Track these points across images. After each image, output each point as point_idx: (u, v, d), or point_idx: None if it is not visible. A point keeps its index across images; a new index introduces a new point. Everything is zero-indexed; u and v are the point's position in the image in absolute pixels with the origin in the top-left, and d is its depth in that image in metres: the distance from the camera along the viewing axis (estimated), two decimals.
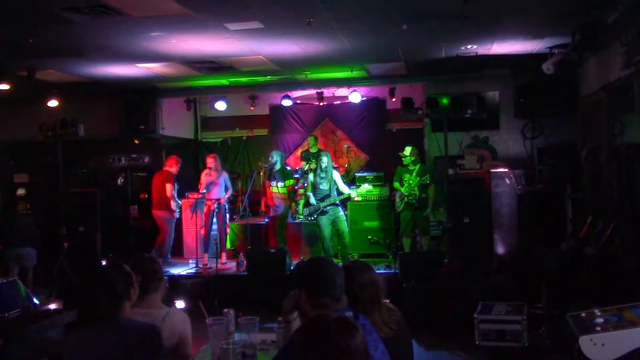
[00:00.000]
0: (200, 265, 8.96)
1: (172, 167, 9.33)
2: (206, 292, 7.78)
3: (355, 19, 6.58)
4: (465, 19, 6.53)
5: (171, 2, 5.65)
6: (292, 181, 9.41)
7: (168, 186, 9.13)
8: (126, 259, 3.13)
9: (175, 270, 8.84)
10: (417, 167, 8.87)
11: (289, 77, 9.96)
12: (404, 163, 8.94)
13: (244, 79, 10.04)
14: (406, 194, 8.75)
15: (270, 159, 9.31)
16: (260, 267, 8.20)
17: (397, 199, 8.96)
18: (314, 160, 9.59)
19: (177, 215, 9.44)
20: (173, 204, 9.23)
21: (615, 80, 6.78)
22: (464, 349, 6.14)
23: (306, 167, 9.91)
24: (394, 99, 10.45)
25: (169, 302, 3.47)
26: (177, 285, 8.20)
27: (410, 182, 8.73)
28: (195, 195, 9.30)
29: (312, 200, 8.61)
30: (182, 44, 7.33)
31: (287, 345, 2.59)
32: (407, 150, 8.90)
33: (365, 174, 9.98)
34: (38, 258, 8.57)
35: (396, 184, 8.97)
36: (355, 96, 10.28)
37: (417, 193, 8.71)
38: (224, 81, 10.20)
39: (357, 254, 9.08)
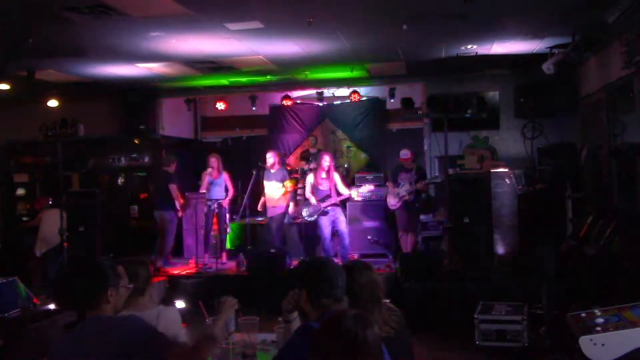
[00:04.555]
0: (200, 265, 8.96)
1: (170, 166, 9.32)
2: (206, 292, 7.77)
3: (355, 19, 6.58)
4: (465, 19, 6.53)
5: (171, 2, 5.66)
6: (291, 181, 9.39)
7: (172, 187, 9.09)
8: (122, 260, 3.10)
9: (175, 270, 8.84)
10: (415, 166, 8.87)
11: (289, 77, 9.96)
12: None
13: (244, 79, 10.04)
14: (401, 194, 8.74)
15: (268, 159, 9.27)
16: (260, 267, 8.19)
17: (391, 197, 8.92)
18: (314, 161, 9.58)
19: (180, 214, 9.43)
20: (177, 204, 9.20)
21: (615, 80, 6.78)
22: (464, 349, 6.13)
23: (306, 167, 9.89)
24: (393, 100, 10.45)
25: (170, 303, 3.47)
26: (177, 285, 8.20)
27: (411, 180, 8.71)
28: (196, 196, 9.29)
29: (313, 200, 8.60)
30: (182, 44, 7.33)
31: (287, 345, 2.59)
32: (407, 152, 8.87)
33: (365, 174, 9.97)
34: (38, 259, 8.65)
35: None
36: (355, 96, 10.27)
37: (415, 189, 8.69)
38: (224, 81, 10.20)
39: (357, 254, 9.07)
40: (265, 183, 9.22)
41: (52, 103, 9.60)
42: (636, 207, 5.84)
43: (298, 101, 11.38)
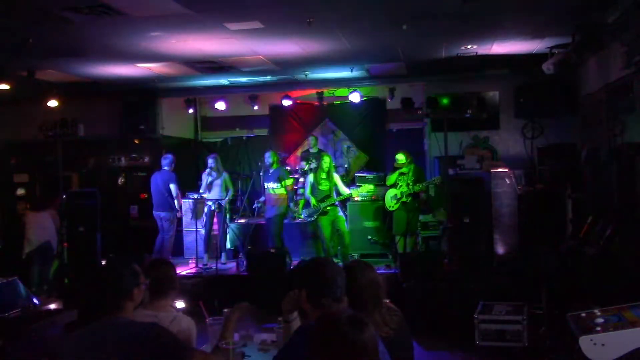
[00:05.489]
0: (200, 265, 8.96)
1: (170, 166, 9.31)
2: (206, 292, 7.77)
3: (355, 19, 6.58)
4: (465, 19, 6.53)
5: (171, 2, 5.66)
6: (291, 181, 9.38)
7: (173, 186, 9.07)
8: (132, 258, 3.10)
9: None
10: (412, 167, 8.83)
11: (289, 77, 9.96)
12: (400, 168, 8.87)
13: (244, 79, 10.04)
14: (399, 195, 8.73)
15: (265, 160, 9.27)
16: (260, 267, 8.19)
17: (388, 198, 8.90)
18: (314, 160, 9.57)
19: (180, 214, 9.41)
20: (177, 204, 9.18)
21: (615, 80, 6.77)
22: (464, 349, 6.13)
23: (306, 167, 9.89)
24: (393, 100, 10.44)
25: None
26: None
27: (408, 181, 8.69)
28: (196, 196, 9.29)
29: (312, 201, 8.59)
30: (182, 44, 7.33)
31: (287, 345, 2.59)
32: (402, 157, 8.83)
33: (365, 174, 9.97)
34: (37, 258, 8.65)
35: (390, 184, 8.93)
36: (355, 96, 10.28)
37: (413, 191, 8.65)
38: (224, 81, 10.20)
39: (357, 254, 9.07)
40: (265, 183, 9.23)
41: (52, 103, 9.59)
42: (636, 207, 5.83)
43: (298, 101, 11.38)
